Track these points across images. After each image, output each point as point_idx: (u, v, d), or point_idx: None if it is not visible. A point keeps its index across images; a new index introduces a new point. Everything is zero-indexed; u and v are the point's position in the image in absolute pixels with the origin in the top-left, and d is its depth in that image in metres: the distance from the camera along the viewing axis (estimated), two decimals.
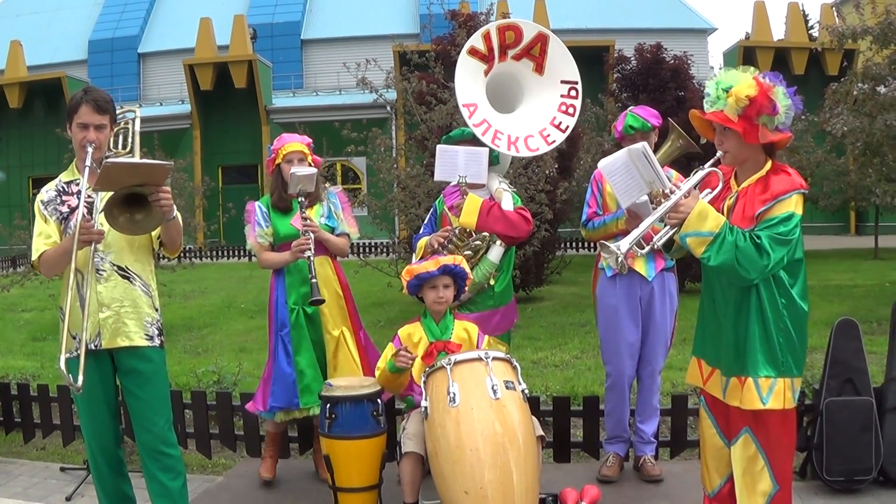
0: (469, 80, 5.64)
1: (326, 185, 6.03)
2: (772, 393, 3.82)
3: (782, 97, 3.83)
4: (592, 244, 5.47)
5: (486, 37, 5.62)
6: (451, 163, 5.49)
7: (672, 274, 5.64)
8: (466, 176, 5.43)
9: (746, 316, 3.87)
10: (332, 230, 5.65)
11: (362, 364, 5.63)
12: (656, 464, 5.61)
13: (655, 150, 5.61)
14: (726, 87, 3.81)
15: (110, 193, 4.14)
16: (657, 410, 5.68)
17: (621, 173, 4.03)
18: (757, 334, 3.85)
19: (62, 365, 4.03)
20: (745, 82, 3.80)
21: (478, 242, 5.41)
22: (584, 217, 5.78)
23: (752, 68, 3.93)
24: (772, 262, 3.70)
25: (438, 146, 5.63)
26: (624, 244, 3.86)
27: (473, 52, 5.63)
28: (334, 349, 5.59)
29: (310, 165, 5.63)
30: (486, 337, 5.11)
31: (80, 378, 4.05)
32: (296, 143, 5.67)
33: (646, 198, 5.32)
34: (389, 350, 4.98)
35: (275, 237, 5.62)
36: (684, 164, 6.16)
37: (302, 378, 5.51)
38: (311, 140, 5.81)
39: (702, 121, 3.96)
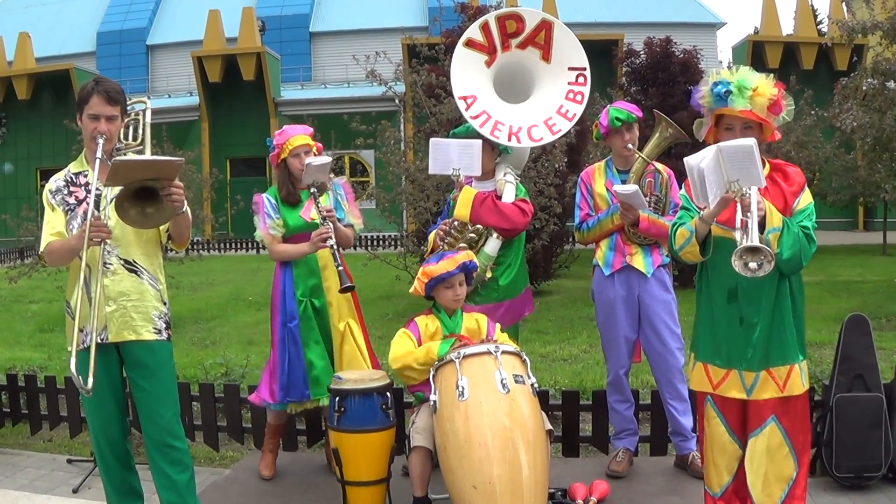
0: (466, 72, 5.59)
1: (331, 175, 6.00)
2: (804, 375, 3.99)
3: (786, 97, 3.96)
4: None
5: (485, 27, 5.56)
6: (445, 156, 5.45)
7: (667, 270, 5.62)
8: (460, 168, 5.41)
9: (782, 307, 3.95)
10: (339, 221, 5.62)
11: (370, 357, 5.61)
12: None
13: (645, 142, 5.60)
14: (748, 85, 3.89)
15: (120, 187, 4.12)
16: (688, 403, 5.61)
17: (710, 171, 3.81)
18: (792, 322, 3.98)
19: (73, 367, 4.02)
20: (766, 81, 3.92)
21: (472, 235, 5.38)
22: (576, 221, 5.73)
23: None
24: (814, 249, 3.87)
25: (431, 139, 5.61)
26: (755, 238, 3.65)
27: (471, 43, 5.57)
28: (340, 342, 5.56)
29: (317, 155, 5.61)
30: (498, 326, 5.10)
31: (90, 381, 4.06)
32: (301, 135, 5.60)
33: (636, 187, 5.31)
34: (405, 338, 4.93)
35: (285, 229, 5.60)
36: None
37: (311, 369, 5.48)
38: (312, 129, 5.77)
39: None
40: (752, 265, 3.57)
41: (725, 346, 4.05)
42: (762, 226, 3.72)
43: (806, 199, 3.98)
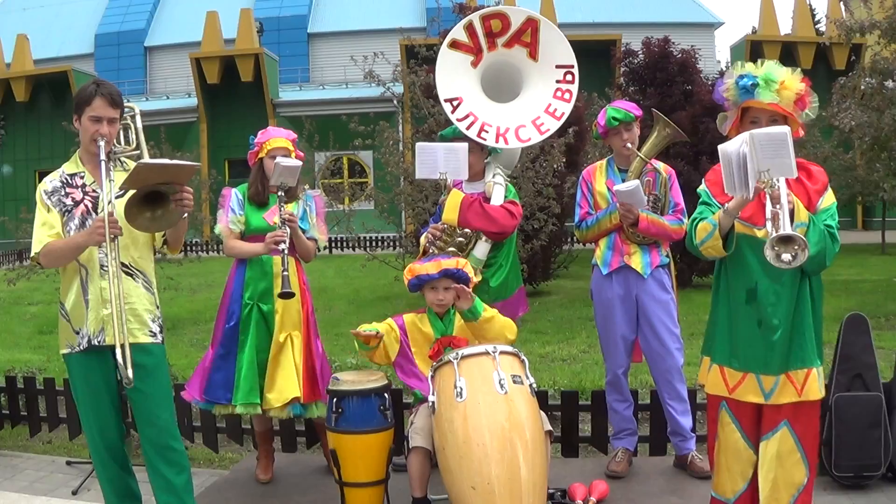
0: (452, 74, 5.60)
1: (305, 186, 5.95)
2: (821, 380, 3.90)
3: (811, 93, 3.91)
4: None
5: (470, 28, 5.56)
6: (432, 160, 5.45)
7: (666, 270, 5.61)
8: (447, 172, 5.41)
9: (802, 310, 3.88)
10: (303, 232, 5.55)
11: (304, 372, 5.46)
12: (704, 458, 5.41)
13: (642, 142, 5.60)
14: (775, 78, 3.84)
15: (117, 189, 4.13)
16: (687, 403, 5.61)
17: (743, 159, 3.65)
18: (811, 325, 3.90)
19: (119, 360, 4.12)
20: (793, 76, 3.88)
21: (460, 239, 5.39)
22: (576, 219, 5.73)
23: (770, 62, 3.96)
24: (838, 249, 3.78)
25: (418, 144, 5.61)
26: (787, 226, 3.56)
27: (456, 44, 5.58)
28: (276, 353, 5.44)
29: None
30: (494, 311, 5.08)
31: (130, 372, 4.14)
32: (281, 138, 5.58)
33: (637, 182, 5.30)
34: (381, 325, 4.98)
35: (245, 227, 5.53)
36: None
37: (238, 375, 5.42)
38: (296, 136, 5.75)
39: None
40: (786, 256, 3.47)
41: (743, 349, 3.96)
42: (790, 219, 3.61)
43: (829, 199, 3.91)
